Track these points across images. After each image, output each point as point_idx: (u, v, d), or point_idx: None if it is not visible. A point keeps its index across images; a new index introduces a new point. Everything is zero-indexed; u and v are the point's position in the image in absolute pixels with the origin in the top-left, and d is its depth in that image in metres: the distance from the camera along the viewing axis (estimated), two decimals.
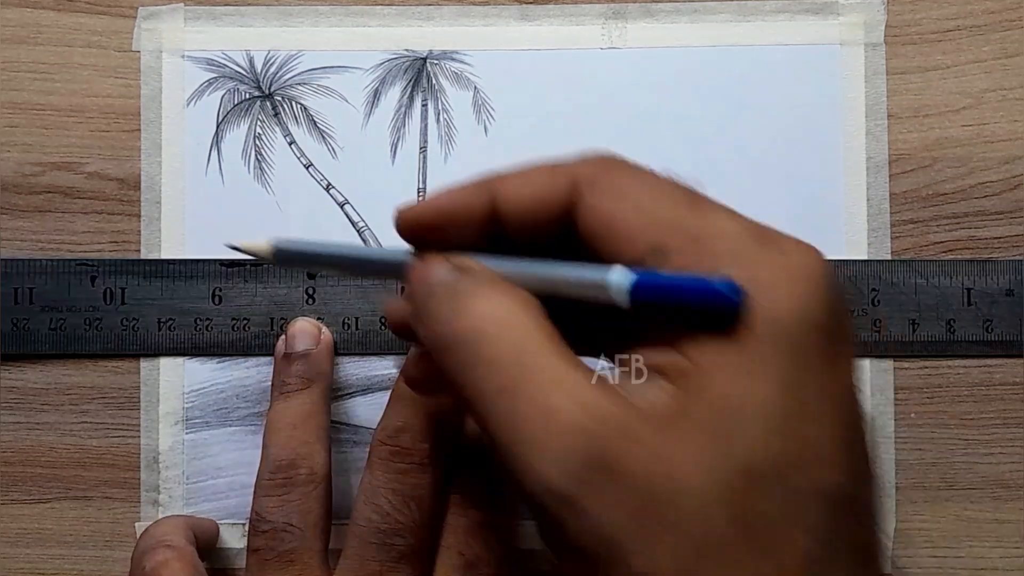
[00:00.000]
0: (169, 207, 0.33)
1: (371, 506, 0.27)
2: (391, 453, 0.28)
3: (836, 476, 0.19)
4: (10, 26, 0.33)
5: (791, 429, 0.19)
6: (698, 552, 0.19)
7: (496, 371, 0.20)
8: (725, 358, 0.19)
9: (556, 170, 0.23)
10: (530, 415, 0.19)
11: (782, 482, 0.19)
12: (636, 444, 0.19)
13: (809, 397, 0.19)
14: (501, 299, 0.21)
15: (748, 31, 0.33)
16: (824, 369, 0.20)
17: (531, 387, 0.20)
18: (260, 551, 0.28)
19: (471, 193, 0.23)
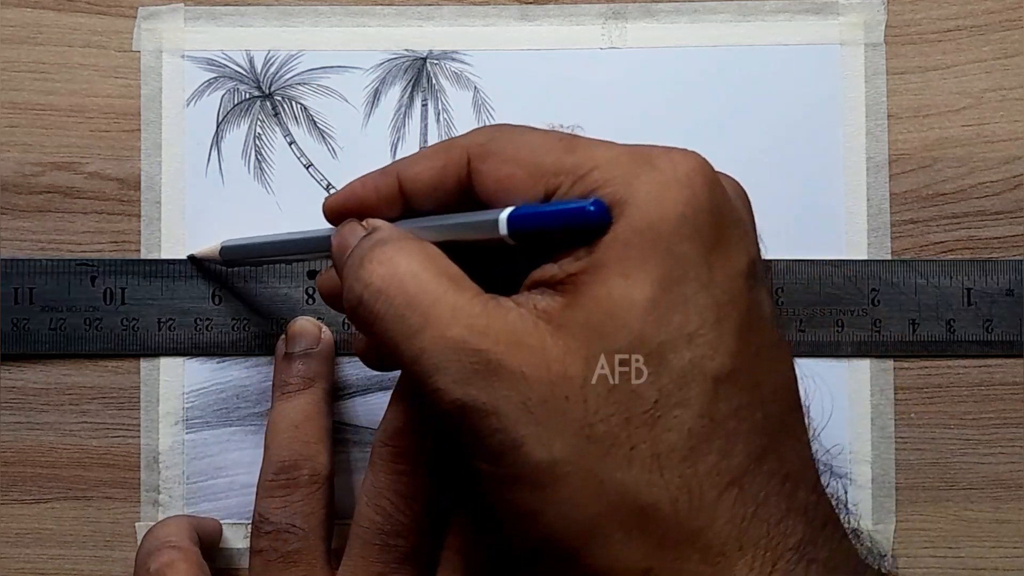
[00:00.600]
0: (169, 207, 0.33)
1: (373, 507, 0.27)
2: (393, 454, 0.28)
3: (717, 357, 0.21)
4: (10, 26, 0.33)
5: (665, 317, 0.21)
6: (587, 435, 0.21)
7: (400, 321, 0.22)
8: (601, 265, 0.21)
9: (449, 147, 0.25)
10: (429, 348, 0.22)
11: (658, 365, 0.21)
12: (521, 348, 0.21)
13: (684, 289, 0.21)
14: (396, 255, 0.23)
15: (748, 31, 0.33)
16: (699, 262, 0.21)
17: (428, 326, 0.22)
18: (263, 552, 0.28)
19: (379, 178, 0.26)
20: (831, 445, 0.33)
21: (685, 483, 0.21)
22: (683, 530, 0.21)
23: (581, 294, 0.21)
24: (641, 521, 0.21)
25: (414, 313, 0.22)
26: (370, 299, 0.23)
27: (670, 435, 0.21)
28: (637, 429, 0.21)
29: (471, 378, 0.21)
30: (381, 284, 0.23)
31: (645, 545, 0.21)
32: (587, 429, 0.21)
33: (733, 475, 0.21)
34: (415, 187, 0.25)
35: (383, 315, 0.23)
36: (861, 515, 0.33)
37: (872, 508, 0.33)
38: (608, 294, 0.21)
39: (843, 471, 0.33)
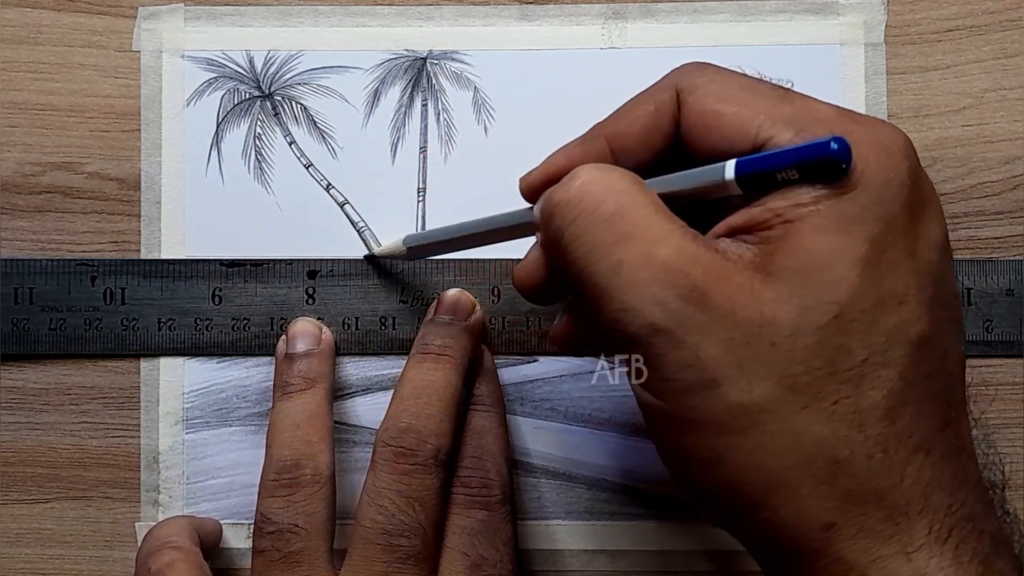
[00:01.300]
0: (169, 207, 0.33)
1: (375, 507, 0.27)
2: (395, 454, 0.28)
3: (920, 322, 0.21)
4: (10, 26, 0.33)
5: (879, 278, 0.21)
6: (789, 384, 0.21)
7: (602, 225, 0.22)
8: (818, 216, 0.21)
9: (655, 88, 0.25)
10: (634, 261, 0.21)
11: (869, 324, 0.21)
12: (729, 284, 0.21)
13: (895, 253, 0.21)
14: (604, 168, 0.23)
15: (748, 31, 0.33)
16: (907, 230, 0.22)
17: (633, 238, 0.21)
18: (266, 552, 0.28)
19: (584, 145, 0.26)
20: None
21: (882, 441, 0.21)
22: (871, 487, 0.21)
23: (792, 241, 0.21)
24: (832, 475, 0.21)
25: (622, 221, 0.22)
26: (575, 197, 0.22)
27: (873, 393, 0.21)
28: (842, 384, 0.21)
29: (680, 306, 0.21)
30: (589, 186, 0.22)
31: (831, 499, 0.21)
32: (790, 379, 0.21)
33: (921, 439, 0.21)
34: (628, 141, 0.25)
35: (585, 216, 0.22)
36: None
37: None
38: (826, 245, 0.21)
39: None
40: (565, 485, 0.33)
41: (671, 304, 0.21)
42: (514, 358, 0.33)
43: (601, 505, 0.33)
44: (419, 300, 0.33)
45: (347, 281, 0.33)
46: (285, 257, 0.33)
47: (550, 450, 0.33)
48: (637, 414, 0.33)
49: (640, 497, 0.33)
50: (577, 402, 0.33)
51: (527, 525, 0.33)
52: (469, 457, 0.30)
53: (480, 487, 0.29)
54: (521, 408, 0.33)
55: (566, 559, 0.33)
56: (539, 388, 0.33)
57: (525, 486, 0.33)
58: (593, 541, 0.33)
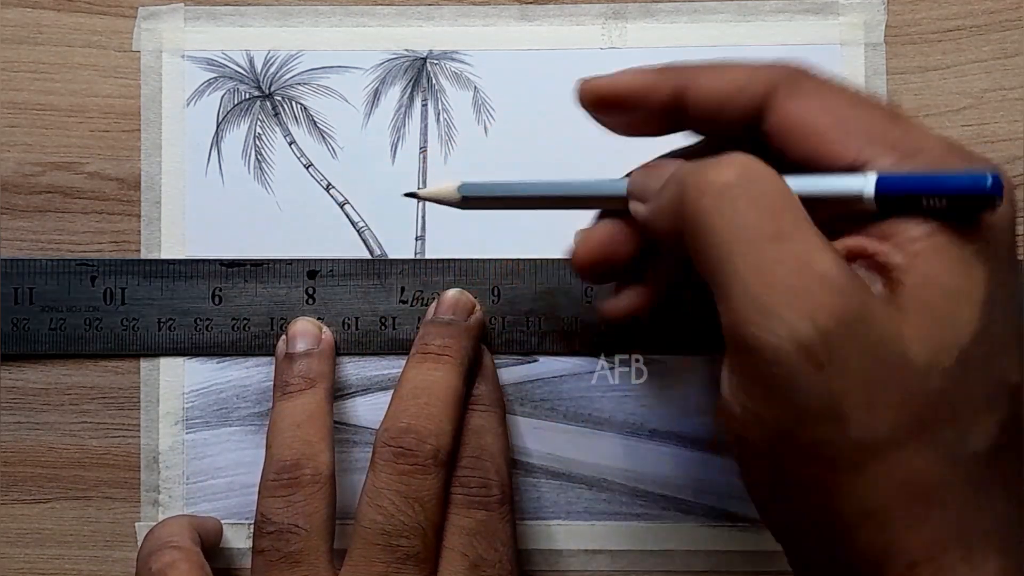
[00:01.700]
0: (169, 207, 0.33)
1: (375, 507, 0.27)
2: (395, 454, 0.28)
3: (1019, 369, 0.21)
4: (10, 26, 0.33)
5: (993, 323, 0.21)
6: (909, 426, 0.20)
7: (761, 217, 0.20)
8: (942, 252, 0.20)
9: (753, 69, 0.23)
10: (791, 264, 0.20)
11: (984, 369, 0.20)
12: (877, 314, 0.20)
13: (1004, 293, 0.21)
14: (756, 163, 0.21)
15: (748, 31, 0.33)
16: (1009, 274, 0.21)
17: (794, 239, 0.20)
18: (266, 552, 0.28)
19: (659, 76, 0.24)
20: None
21: (981, 485, 0.20)
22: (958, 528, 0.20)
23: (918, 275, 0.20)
24: (927, 513, 0.20)
25: (783, 218, 0.20)
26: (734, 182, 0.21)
27: (981, 437, 0.20)
28: (954, 427, 0.20)
29: (834, 328, 0.19)
30: (750, 173, 0.21)
31: (919, 539, 0.20)
32: (912, 420, 0.20)
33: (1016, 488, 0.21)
34: (705, 100, 0.23)
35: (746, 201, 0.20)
36: None
37: None
38: (952, 283, 0.20)
39: None
40: (565, 485, 0.33)
41: (824, 323, 0.19)
42: (514, 358, 0.33)
43: (601, 505, 0.33)
44: (419, 300, 0.33)
45: (347, 281, 0.33)
46: (285, 257, 0.33)
47: (550, 450, 0.33)
48: (637, 414, 0.33)
49: (640, 497, 0.33)
50: (577, 402, 0.33)
51: (527, 525, 0.33)
52: (468, 457, 0.29)
53: (479, 487, 0.29)
54: (521, 408, 0.33)
55: (566, 559, 0.33)
56: (539, 388, 0.33)
57: (525, 486, 0.33)
58: (593, 541, 0.33)
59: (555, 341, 0.33)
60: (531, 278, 0.33)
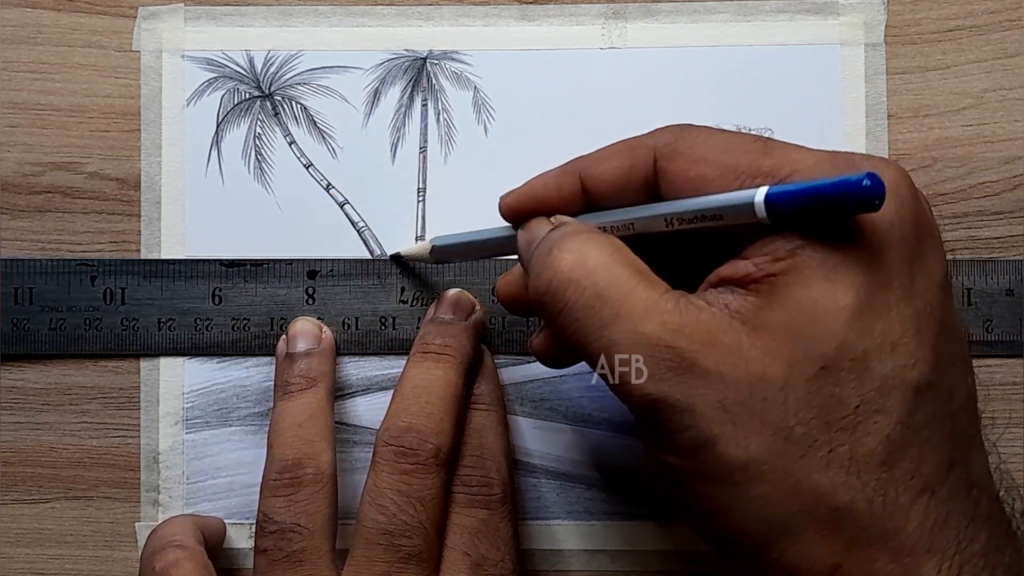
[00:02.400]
0: (169, 207, 0.33)
1: (376, 507, 0.27)
2: (396, 453, 0.28)
3: (919, 366, 0.21)
4: (10, 26, 0.33)
5: (869, 325, 0.21)
6: (784, 436, 0.21)
7: (588, 311, 0.23)
8: (804, 269, 0.21)
9: (635, 145, 0.25)
10: (620, 342, 0.22)
11: (861, 372, 0.21)
12: (717, 347, 0.21)
13: (889, 297, 0.21)
14: (582, 247, 0.24)
15: (748, 31, 0.33)
16: (903, 271, 0.22)
17: (618, 319, 0.22)
18: (268, 552, 0.28)
19: (560, 177, 0.26)
20: None
21: (881, 487, 0.21)
22: (875, 531, 0.21)
23: (779, 295, 0.22)
24: (834, 521, 0.21)
25: (605, 305, 0.22)
26: (559, 287, 0.23)
27: (869, 440, 0.21)
28: (836, 433, 0.21)
29: (665, 375, 0.22)
30: (571, 273, 0.23)
31: (836, 544, 0.21)
32: (785, 431, 0.21)
33: (926, 482, 0.21)
34: (599, 186, 0.26)
35: (572, 304, 0.23)
36: None
37: None
38: (811, 297, 0.21)
39: None
40: (565, 485, 0.33)
41: (662, 376, 0.22)
42: (514, 358, 0.33)
43: (601, 505, 0.33)
44: (419, 300, 0.33)
45: (347, 281, 0.33)
46: (285, 257, 0.33)
47: (550, 450, 0.33)
48: None
49: (640, 497, 0.33)
50: (577, 402, 0.33)
51: (527, 525, 0.33)
52: (469, 456, 0.29)
53: (481, 486, 0.29)
54: (521, 408, 0.33)
55: (566, 559, 0.33)
56: (539, 388, 0.33)
57: (525, 486, 0.33)
58: (593, 541, 0.33)
59: None
60: None
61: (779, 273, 0.22)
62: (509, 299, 0.28)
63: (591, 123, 0.33)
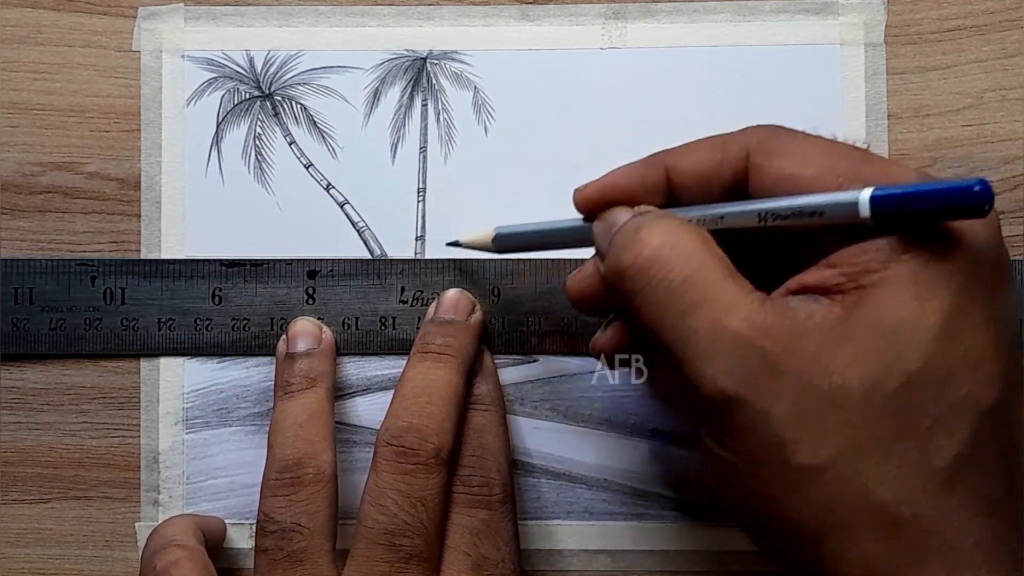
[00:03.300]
0: (169, 207, 0.33)
1: (377, 507, 0.27)
2: (396, 453, 0.28)
3: (991, 390, 0.22)
4: (10, 26, 0.33)
5: (954, 346, 0.21)
6: (856, 446, 0.21)
7: (672, 294, 0.22)
8: (894, 282, 0.22)
9: (726, 140, 0.25)
10: (703, 332, 0.22)
11: (939, 391, 0.21)
12: (800, 351, 0.21)
13: (973, 319, 0.22)
14: (673, 229, 0.23)
15: (748, 31, 0.33)
16: (985, 297, 0.22)
17: (703, 307, 0.22)
18: (269, 551, 0.28)
19: (643, 168, 0.26)
20: None
21: (944, 503, 0.21)
22: (934, 543, 0.21)
23: (867, 306, 0.22)
24: (894, 529, 0.21)
25: (692, 289, 0.22)
26: (644, 265, 0.23)
27: (938, 458, 0.21)
28: (907, 450, 0.21)
29: (744, 372, 0.22)
30: (659, 252, 0.23)
31: (892, 551, 0.21)
32: (857, 441, 0.21)
33: (987, 501, 0.22)
34: (686, 179, 0.25)
35: (656, 284, 0.23)
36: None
37: None
38: (899, 313, 0.21)
39: None
40: (565, 485, 0.33)
41: (742, 374, 0.22)
42: (514, 358, 0.33)
43: (601, 505, 0.33)
44: (419, 300, 0.33)
45: (347, 281, 0.33)
46: (285, 257, 0.33)
47: (550, 450, 0.33)
48: (637, 414, 0.33)
49: (640, 497, 0.33)
50: (577, 402, 0.33)
51: (527, 525, 0.33)
52: (470, 456, 0.29)
53: (481, 486, 0.29)
54: (521, 408, 0.33)
55: (566, 559, 0.33)
56: (539, 388, 0.33)
57: (525, 486, 0.33)
58: (593, 541, 0.33)
59: (555, 341, 0.33)
60: (531, 278, 0.33)
61: (868, 285, 0.22)
62: (582, 295, 0.27)
63: (591, 123, 0.33)
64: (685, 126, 0.33)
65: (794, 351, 0.21)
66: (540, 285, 0.33)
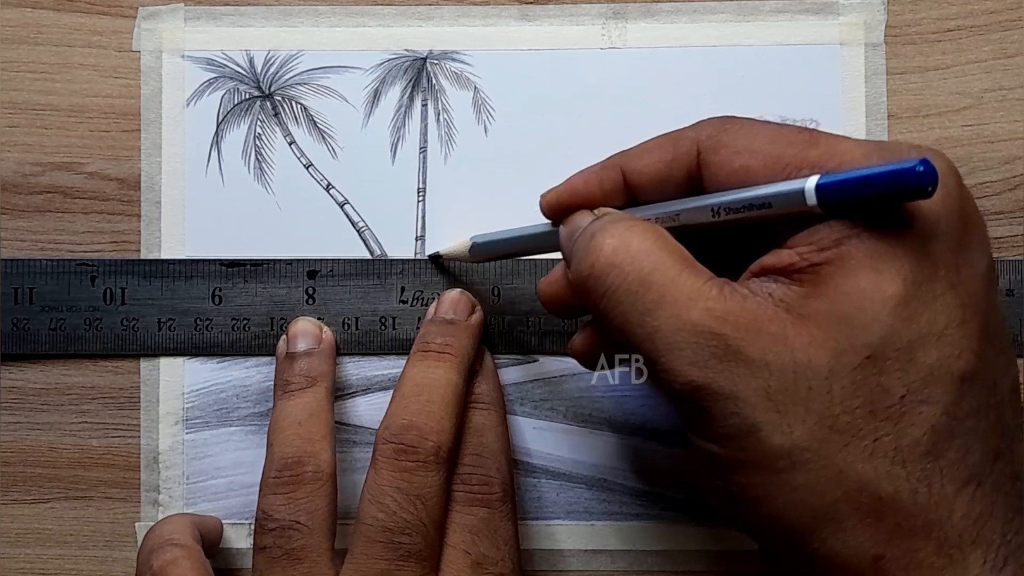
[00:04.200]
0: (169, 207, 0.33)
1: (377, 505, 0.27)
2: (396, 451, 0.28)
3: (964, 356, 0.21)
4: (10, 26, 0.33)
5: (915, 315, 0.21)
6: (829, 425, 0.21)
7: (631, 295, 0.23)
8: (849, 258, 0.21)
9: (677, 138, 0.25)
10: (665, 328, 0.22)
11: (907, 362, 0.21)
12: (762, 334, 0.21)
13: (935, 287, 0.21)
14: (625, 231, 0.24)
15: (748, 31, 0.33)
16: (949, 261, 0.22)
17: (662, 305, 0.22)
18: (267, 549, 0.28)
19: (600, 172, 0.27)
20: None
21: (926, 477, 0.21)
22: (919, 521, 0.21)
23: (825, 284, 0.22)
24: (877, 510, 0.21)
25: (648, 290, 0.23)
26: (601, 271, 0.23)
27: (914, 430, 0.21)
28: (881, 422, 0.21)
29: (709, 361, 0.22)
30: (613, 257, 0.23)
31: (879, 533, 0.21)
32: (829, 419, 0.21)
33: (971, 472, 0.21)
34: (641, 180, 0.26)
35: (615, 288, 0.23)
36: None
37: None
38: (857, 287, 0.21)
39: None
40: (565, 485, 0.33)
41: (706, 363, 0.22)
42: (514, 358, 0.33)
43: (601, 505, 0.33)
44: (419, 300, 0.33)
45: (347, 281, 0.33)
46: (285, 257, 0.33)
47: (550, 450, 0.33)
48: (637, 414, 0.33)
49: (640, 497, 0.33)
50: (577, 402, 0.33)
51: (527, 525, 0.33)
52: (470, 455, 0.29)
53: (481, 485, 0.29)
54: (521, 408, 0.33)
55: (566, 559, 0.33)
56: (539, 388, 0.33)
57: (525, 486, 0.33)
58: (593, 541, 0.33)
59: (555, 341, 0.33)
60: (531, 278, 0.33)
61: (824, 263, 0.22)
62: (552, 299, 0.28)
63: (591, 123, 0.33)
64: (685, 126, 0.33)
65: (756, 334, 0.22)
66: None
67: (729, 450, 0.22)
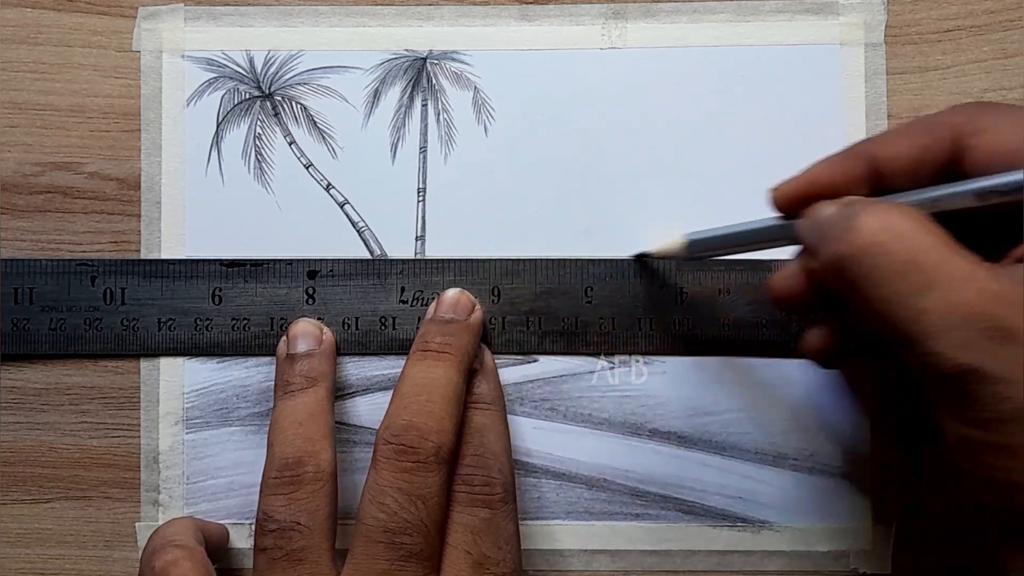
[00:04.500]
0: (169, 207, 0.33)
1: (377, 505, 0.27)
2: (396, 451, 0.28)
3: None
4: (10, 26, 0.33)
5: None
6: None
7: (898, 276, 0.22)
8: None
9: (931, 123, 0.25)
10: (938, 310, 0.22)
11: None
12: None
13: None
14: (888, 213, 0.23)
15: (748, 31, 0.33)
16: None
17: (933, 286, 0.22)
18: (268, 550, 0.28)
19: (844, 160, 0.26)
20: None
21: None
22: None
23: None
24: None
25: (918, 271, 0.22)
26: (863, 252, 0.23)
27: None
28: None
29: (981, 343, 0.21)
30: (878, 237, 0.23)
31: None
32: None
33: None
34: (895, 166, 0.25)
35: (880, 269, 0.23)
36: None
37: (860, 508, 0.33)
38: None
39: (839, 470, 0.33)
40: (565, 485, 0.33)
41: (980, 345, 0.21)
42: (514, 358, 0.33)
43: (601, 505, 0.33)
44: (419, 300, 0.33)
45: (347, 281, 0.33)
46: (285, 257, 0.33)
47: (550, 450, 0.33)
48: (637, 414, 0.33)
49: (640, 497, 0.33)
50: (577, 402, 0.33)
51: (528, 525, 0.33)
52: (471, 455, 0.29)
53: (482, 485, 0.29)
54: (521, 408, 0.33)
55: (566, 559, 0.33)
56: (539, 388, 0.33)
57: (525, 486, 0.33)
58: (593, 541, 0.33)
59: (555, 341, 0.33)
60: (531, 278, 0.33)
61: None
62: (786, 293, 0.27)
63: (591, 123, 0.33)
64: (685, 126, 0.33)
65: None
66: (540, 285, 0.33)
67: (998, 435, 0.22)
